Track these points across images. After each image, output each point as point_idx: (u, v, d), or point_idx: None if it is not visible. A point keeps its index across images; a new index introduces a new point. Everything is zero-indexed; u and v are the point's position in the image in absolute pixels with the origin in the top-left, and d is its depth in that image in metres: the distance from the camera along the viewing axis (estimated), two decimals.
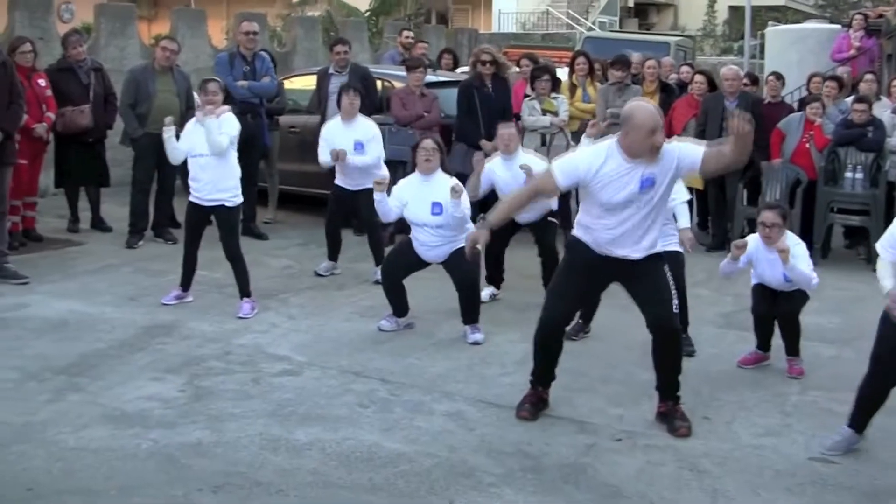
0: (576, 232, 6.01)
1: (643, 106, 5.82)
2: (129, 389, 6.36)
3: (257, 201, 11.37)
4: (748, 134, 5.54)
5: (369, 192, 9.11)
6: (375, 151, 9.40)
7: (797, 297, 7.10)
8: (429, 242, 7.74)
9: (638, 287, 5.99)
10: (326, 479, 5.20)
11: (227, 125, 8.13)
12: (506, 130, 8.63)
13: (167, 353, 7.14)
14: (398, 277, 7.86)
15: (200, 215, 8.31)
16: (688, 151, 5.76)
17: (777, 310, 7.11)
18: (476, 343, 7.55)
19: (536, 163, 8.40)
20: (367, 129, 9.45)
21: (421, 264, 7.90)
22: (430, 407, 6.24)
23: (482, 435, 5.82)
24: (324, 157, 9.46)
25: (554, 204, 8.48)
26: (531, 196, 6.25)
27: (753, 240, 7.07)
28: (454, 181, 7.68)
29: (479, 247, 6.22)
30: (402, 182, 8.06)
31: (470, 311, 7.75)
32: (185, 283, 8.43)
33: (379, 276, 9.18)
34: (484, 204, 8.60)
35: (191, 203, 8.31)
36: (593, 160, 5.75)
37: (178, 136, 8.34)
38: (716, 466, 5.51)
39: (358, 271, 9.62)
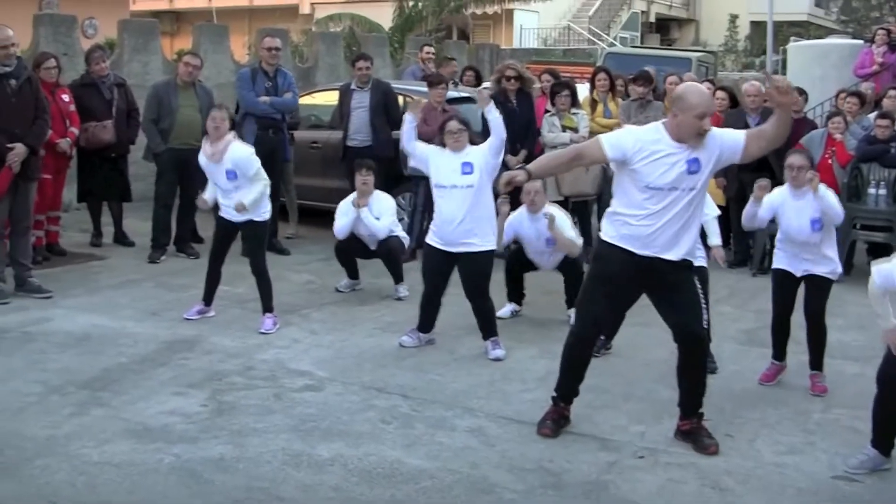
0: (607, 235, 5.87)
1: (696, 88, 5.80)
2: (151, 404, 6.38)
3: (278, 216, 11.41)
4: (789, 94, 5.55)
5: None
6: (387, 221, 9.43)
7: (823, 286, 7.04)
8: (453, 216, 7.57)
9: (668, 296, 5.89)
10: (348, 494, 5.20)
11: (246, 168, 8.12)
12: (531, 186, 8.45)
13: (189, 367, 7.16)
14: (440, 289, 7.81)
15: (229, 230, 8.34)
16: (730, 137, 5.77)
17: (805, 307, 7.07)
18: (497, 359, 7.54)
19: (561, 217, 8.48)
20: (381, 202, 9.49)
21: (449, 261, 7.72)
22: (451, 423, 6.24)
23: (503, 451, 5.82)
24: (339, 224, 9.41)
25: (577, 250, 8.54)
26: (573, 159, 6.09)
27: (779, 192, 7.02)
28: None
29: (518, 179, 5.93)
30: (434, 147, 7.91)
31: (484, 324, 7.75)
32: (208, 298, 8.45)
33: (401, 294, 9.22)
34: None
35: (220, 218, 8.34)
36: (641, 136, 5.71)
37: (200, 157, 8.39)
38: (738, 484, 5.49)
39: (379, 287, 9.63)
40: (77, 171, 11.24)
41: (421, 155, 7.83)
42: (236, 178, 8.09)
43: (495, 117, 7.63)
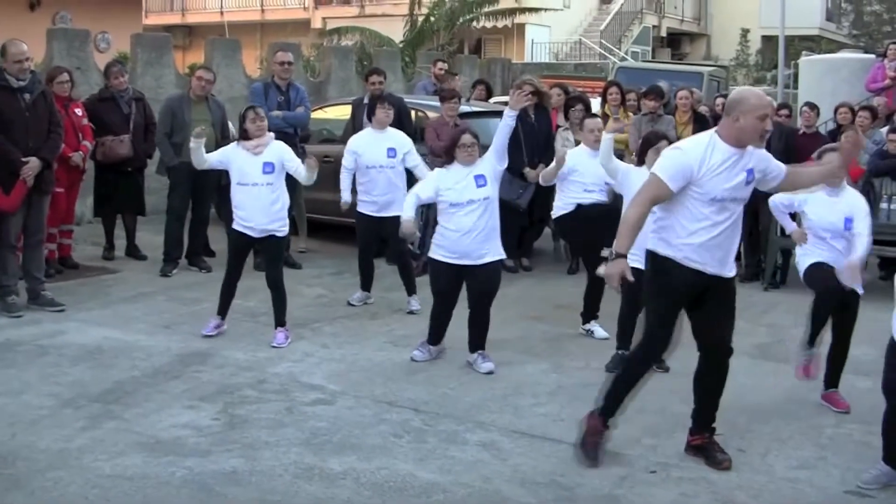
0: (667, 251, 5.76)
1: (754, 90, 5.84)
2: (163, 417, 6.40)
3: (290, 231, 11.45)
4: (856, 151, 5.87)
5: (396, 219, 9.13)
6: (415, 160, 9.50)
7: (854, 303, 7.02)
8: (469, 228, 7.52)
9: (712, 308, 5.81)
10: None
11: (289, 154, 8.30)
12: (594, 124, 8.76)
13: (201, 381, 7.17)
14: (452, 304, 7.79)
15: (245, 245, 8.38)
16: (775, 163, 5.85)
17: (836, 325, 7.05)
18: (490, 372, 7.54)
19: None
20: (400, 139, 9.56)
21: (460, 274, 7.67)
22: (463, 437, 6.24)
23: (515, 465, 5.82)
24: (346, 166, 9.53)
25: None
26: (649, 207, 5.78)
27: (809, 190, 6.96)
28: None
29: (629, 278, 5.71)
30: (438, 171, 7.88)
31: (481, 336, 7.72)
32: (224, 311, 8.44)
33: (413, 307, 9.22)
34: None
35: (237, 232, 8.28)
36: (700, 152, 5.64)
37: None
38: (750, 499, 5.48)
39: (391, 300, 9.64)
40: (94, 185, 11.29)
41: (431, 198, 7.78)
42: (273, 172, 8.15)
43: (508, 124, 7.63)
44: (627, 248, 5.68)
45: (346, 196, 9.60)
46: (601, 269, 5.88)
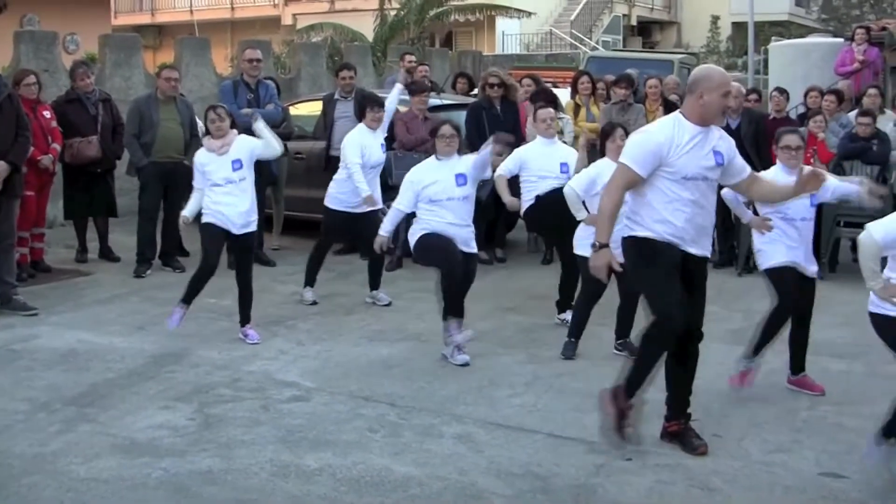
0: (645, 231, 5.74)
1: (715, 67, 5.94)
2: (139, 418, 6.37)
3: (263, 228, 11.41)
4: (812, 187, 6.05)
5: (371, 214, 9.10)
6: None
7: (813, 287, 7.07)
8: (451, 220, 7.61)
9: (685, 288, 5.77)
10: None
11: (253, 145, 8.28)
12: (546, 114, 8.81)
13: (176, 381, 7.15)
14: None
15: (225, 238, 8.23)
16: (740, 160, 5.92)
17: (798, 308, 7.02)
18: (465, 364, 7.54)
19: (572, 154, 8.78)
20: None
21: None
22: (439, 430, 6.24)
23: (491, 457, 5.82)
24: (355, 162, 9.26)
25: None
26: (622, 194, 5.75)
27: (769, 173, 6.93)
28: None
29: (617, 268, 5.72)
30: (418, 168, 7.92)
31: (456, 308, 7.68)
32: (190, 301, 8.31)
33: (385, 300, 9.22)
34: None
35: (212, 226, 8.13)
36: (667, 133, 5.65)
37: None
38: (726, 484, 5.49)
39: (365, 295, 9.60)
40: (63, 187, 11.23)
41: (411, 203, 7.79)
42: (241, 168, 8.12)
43: (490, 153, 7.71)
44: (608, 237, 5.69)
45: (367, 189, 9.30)
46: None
